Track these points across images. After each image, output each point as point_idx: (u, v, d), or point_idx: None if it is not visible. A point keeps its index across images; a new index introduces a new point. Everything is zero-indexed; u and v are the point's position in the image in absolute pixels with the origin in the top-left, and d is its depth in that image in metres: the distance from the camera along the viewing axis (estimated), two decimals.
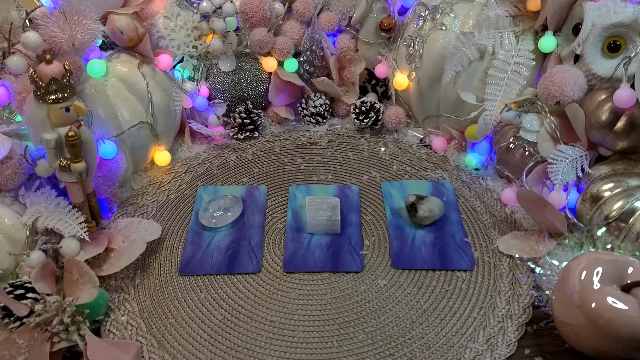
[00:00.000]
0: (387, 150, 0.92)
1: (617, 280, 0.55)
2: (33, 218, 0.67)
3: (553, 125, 0.75)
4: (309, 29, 0.94)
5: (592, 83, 0.74)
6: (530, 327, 0.62)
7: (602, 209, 0.67)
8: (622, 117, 0.68)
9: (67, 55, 0.70)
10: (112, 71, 0.79)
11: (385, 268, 0.70)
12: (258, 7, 0.90)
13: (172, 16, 0.90)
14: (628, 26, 0.70)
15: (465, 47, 0.80)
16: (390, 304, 0.65)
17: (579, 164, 0.72)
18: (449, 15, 0.84)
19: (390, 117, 0.93)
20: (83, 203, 0.71)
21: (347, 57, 0.96)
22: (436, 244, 0.73)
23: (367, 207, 0.80)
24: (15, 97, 0.70)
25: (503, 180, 0.83)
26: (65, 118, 0.64)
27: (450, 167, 0.87)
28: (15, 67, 0.69)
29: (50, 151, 0.66)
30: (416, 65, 0.87)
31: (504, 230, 0.75)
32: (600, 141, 0.72)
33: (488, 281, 0.68)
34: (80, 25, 0.69)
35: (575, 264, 0.58)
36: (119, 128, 0.79)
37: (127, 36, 0.81)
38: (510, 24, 0.81)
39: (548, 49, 0.79)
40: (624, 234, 0.65)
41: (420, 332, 0.62)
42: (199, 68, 0.94)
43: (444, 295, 0.66)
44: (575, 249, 0.67)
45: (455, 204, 0.79)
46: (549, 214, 0.69)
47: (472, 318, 0.63)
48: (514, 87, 0.80)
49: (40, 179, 0.72)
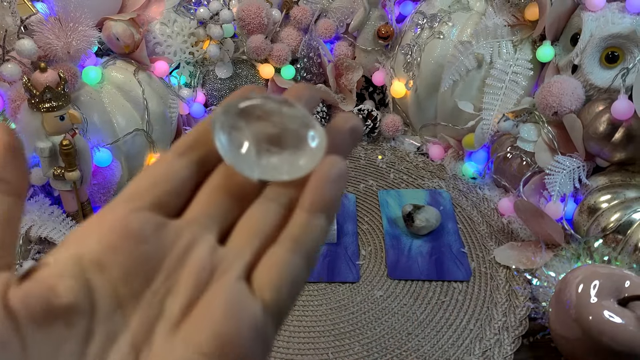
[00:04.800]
0: (384, 158, 0.91)
1: (614, 294, 0.55)
2: (26, 227, 0.66)
3: (550, 136, 0.75)
4: (307, 36, 0.94)
5: (589, 94, 0.73)
6: (527, 340, 0.62)
7: (599, 221, 0.67)
8: (620, 128, 0.68)
9: (62, 62, 0.69)
10: (108, 78, 0.79)
11: (381, 278, 0.70)
12: (255, 14, 0.89)
13: (169, 22, 0.89)
14: (626, 37, 0.70)
15: (463, 56, 0.80)
16: (387, 315, 0.65)
17: (576, 175, 0.72)
18: (447, 23, 0.84)
19: (388, 125, 0.93)
20: (77, 212, 0.70)
21: (345, 65, 0.95)
22: (433, 254, 0.72)
23: (363, 216, 0.80)
24: (9, 105, 0.69)
25: (500, 190, 0.82)
26: (59, 126, 0.64)
27: (448, 176, 0.87)
28: (10, 74, 0.69)
29: (44, 160, 0.65)
30: (414, 73, 0.87)
31: (500, 241, 0.75)
32: (597, 152, 0.72)
33: (485, 292, 0.68)
34: (76, 32, 0.68)
35: (572, 276, 0.57)
36: (115, 135, 0.78)
37: (123, 43, 0.80)
38: (508, 33, 0.81)
39: (546, 58, 0.79)
40: (621, 246, 0.64)
41: (417, 344, 0.62)
42: (196, 74, 0.94)
43: (440, 307, 0.66)
44: (572, 261, 0.67)
45: (452, 213, 0.79)
46: (546, 224, 0.69)
47: (469, 330, 0.63)
48: (512, 96, 0.80)
49: (34, 187, 0.72)
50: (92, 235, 0.20)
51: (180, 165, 0.23)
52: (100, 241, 0.20)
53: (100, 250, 0.20)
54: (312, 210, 0.21)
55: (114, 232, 0.20)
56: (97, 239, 0.20)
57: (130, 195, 0.22)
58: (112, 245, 0.20)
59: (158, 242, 0.21)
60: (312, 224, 0.21)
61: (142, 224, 0.21)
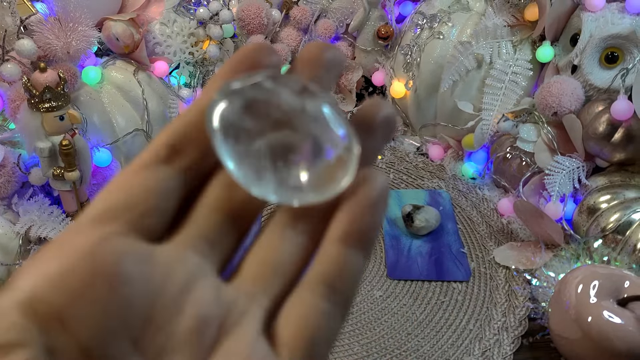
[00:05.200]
0: (384, 158, 0.91)
1: (614, 294, 0.55)
2: (26, 227, 0.66)
3: (550, 136, 0.75)
4: (306, 36, 0.94)
5: (589, 94, 0.73)
6: (527, 340, 0.62)
7: (598, 221, 0.67)
8: (620, 128, 0.68)
9: (62, 62, 0.69)
10: (108, 78, 0.79)
11: (381, 279, 0.70)
12: (255, 14, 0.89)
13: (169, 23, 0.89)
14: (626, 37, 0.70)
15: (463, 56, 0.80)
16: (386, 315, 0.65)
17: (575, 175, 0.72)
18: (447, 24, 0.84)
19: None
20: (77, 212, 0.70)
21: (344, 65, 0.95)
22: (432, 254, 0.72)
23: None
24: (9, 105, 0.69)
25: (500, 190, 0.82)
26: (59, 126, 0.64)
27: (447, 176, 0.87)
28: (9, 74, 0.69)
29: (43, 160, 0.65)
30: (413, 73, 0.87)
31: (500, 241, 0.75)
32: (597, 152, 0.72)
33: (484, 293, 0.68)
34: (76, 32, 0.68)
35: (571, 277, 0.57)
36: (114, 136, 0.78)
37: (123, 43, 0.80)
38: (508, 34, 0.81)
39: (546, 59, 0.79)
40: (621, 246, 0.64)
41: (416, 344, 0.62)
42: (196, 75, 0.93)
43: (439, 307, 0.66)
44: (572, 261, 0.67)
45: (452, 213, 0.79)
46: (545, 225, 0.69)
47: (468, 330, 0.63)
48: (512, 96, 0.80)
49: (34, 187, 0.72)
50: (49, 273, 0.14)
51: (164, 175, 0.17)
52: (61, 282, 0.14)
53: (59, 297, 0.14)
54: (347, 243, 0.16)
55: (79, 269, 0.14)
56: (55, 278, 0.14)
57: (100, 214, 0.16)
58: (76, 288, 0.14)
59: (143, 282, 0.15)
60: (347, 261, 0.16)
61: (119, 255, 0.15)
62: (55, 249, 0.15)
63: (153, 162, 0.17)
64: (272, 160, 0.17)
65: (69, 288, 0.14)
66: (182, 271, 0.16)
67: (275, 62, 0.18)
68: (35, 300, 0.14)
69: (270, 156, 0.17)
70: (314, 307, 0.16)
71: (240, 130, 0.17)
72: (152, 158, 0.17)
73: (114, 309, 0.14)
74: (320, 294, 0.16)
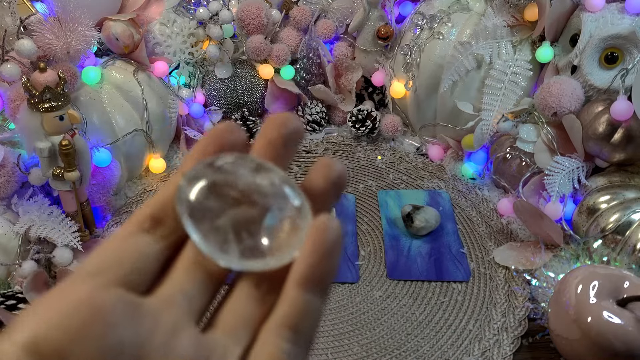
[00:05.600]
0: (384, 158, 0.91)
1: (613, 295, 0.55)
2: (26, 227, 0.66)
3: (550, 136, 0.75)
4: (306, 37, 0.94)
5: (589, 94, 0.73)
6: (526, 340, 0.62)
7: (598, 221, 0.67)
8: (619, 129, 0.68)
9: (61, 62, 0.69)
10: (107, 78, 0.79)
11: (380, 279, 0.70)
12: (255, 14, 0.89)
13: (169, 23, 0.89)
14: (625, 38, 0.70)
15: (463, 56, 0.80)
16: (386, 315, 0.65)
17: (575, 176, 0.72)
18: (447, 24, 0.84)
19: (387, 125, 0.93)
20: (77, 212, 0.70)
21: (344, 65, 0.95)
22: (432, 254, 0.72)
23: (363, 216, 0.80)
24: (9, 105, 0.69)
25: (499, 191, 0.82)
26: (59, 127, 0.64)
27: (447, 177, 0.87)
28: (9, 74, 0.69)
29: (43, 160, 0.65)
30: (413, 74, 0.87)
31: (500, 241, 0.75)
32: (597, 153, 0.72)
33: (484, 293, 0.68)
34: (75, 32, 0.68)
35: (571, 277, 0.57)
36: (114, 135, 0.78)
37: (122, 43, 0.80)
38: (508, 34, 0.81)
39: (545, 59, 0.79)
40: (620, 246, 0.64)
41: (416, 344, 0.62)
42: (195, 75, 0.94)
43: (439, 307, 0.66)
44: (571, 261, 0.67)
45: (452, 214, 0.79)
46: (545, 225, 0.69)
47: (468, 330, 0.63)
48: (511, 97, 0.80)
49: (34, 187, 0.72)
50: (51, 316, 0.16)
51: (146, 241, 0.20)
52: (62, 324, 0.16)
53: (61, 336, 0.16)
54: (307, 287, 0.18)
55: (78, 312, 0.16)
56: (57, 321, 0.16)
57: (94, 269, 0.18)
58: (76, 329, 0.16)
59: (133, 326, 0.17)
60: (307, 305, 0.18)
61: (113, 302, 0.17)
62: (55, 296, 0.17)
63: (138, 231, 0.20)
64: (234, 234, 0.19)
65: (70, 328, 0.16)
66: (167, 320, 0.18)
67: (241, 140, 0.21)
68: (39, 339, 0.16)
69: (232, 231, 0.19)
70: (280, 350, 0.18)
71: (204, 210, 0.19)
72: (137, 228, 0.20)
73: (110, 347, 0.16)
74: (285, 337, 0.18)
